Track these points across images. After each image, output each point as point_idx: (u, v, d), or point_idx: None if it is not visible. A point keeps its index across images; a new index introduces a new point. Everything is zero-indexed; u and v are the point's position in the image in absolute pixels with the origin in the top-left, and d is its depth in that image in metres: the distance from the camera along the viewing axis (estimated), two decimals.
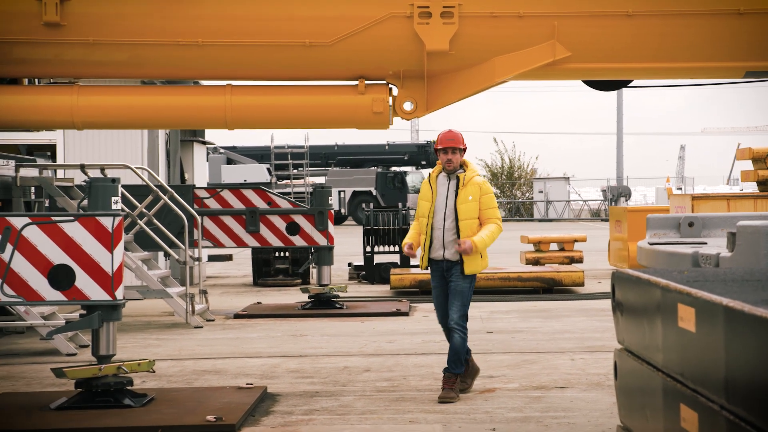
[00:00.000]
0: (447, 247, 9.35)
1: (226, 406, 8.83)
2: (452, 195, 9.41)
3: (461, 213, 9.30)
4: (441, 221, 9.38)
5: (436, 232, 9.39)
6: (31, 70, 13.47)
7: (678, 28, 12.79)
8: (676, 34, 12.80)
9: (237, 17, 12.77)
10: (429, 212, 9.43)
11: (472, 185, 9.41)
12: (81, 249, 8.85)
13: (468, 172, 9.50)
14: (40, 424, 8.40)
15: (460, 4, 12.71)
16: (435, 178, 9.61)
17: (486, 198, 9.42)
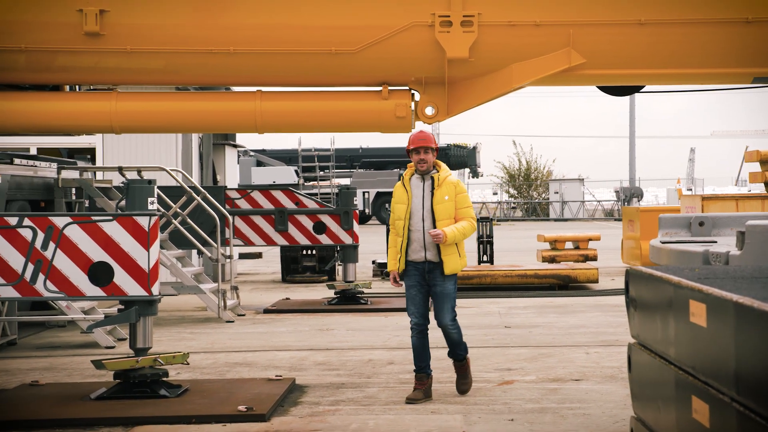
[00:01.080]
0: (428, 248, 8.97)
1: (257, 397, 8.85)
2: (428, 196, 9.05)
3: (438, 213, 8.95)
4: (419, 223, 9.00)
5: (415, 234, 9.00)
6: (72, 78, 13.53)
7: (689, 35, 12.75)
8: (687, 41, 12.76)
9: (266, 27, 12.79)
10: (405, 215, 9.05)
11: (447, 185, 9.08)
12: (119, 247, 8.88)
13: (442, 172, 9.18)
14: (81, 413, 8.43)
15: (479, 13, 12.71)
16: (408, 180, 9.22)
17: (461, 197, 9.09)
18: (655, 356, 4.46)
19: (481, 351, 11.64)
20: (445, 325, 9.11)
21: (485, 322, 14.25)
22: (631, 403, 5.35)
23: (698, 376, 3.90)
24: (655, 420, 4.47)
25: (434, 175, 9.09)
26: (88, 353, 11.67)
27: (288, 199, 17.94)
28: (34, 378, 10.23)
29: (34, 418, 8.31)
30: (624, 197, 62.43)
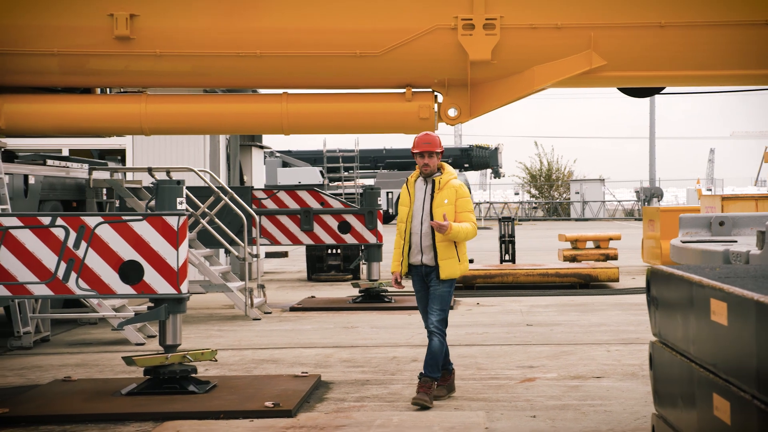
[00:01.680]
0: (425, 252, 8.76)
1: (283, 393, 8.86)
2: (428, 199, 8.82)
3: (437, 217, 8.70)
4: (418, 226, 8.80)
5: (414, 237, 8.82)
6: (103, 81, 13.59)
7: (708, 38, 12.70)
8: (707, 43, 12.71)
9: (293, 30, 12.81)
10: (408, 217, 8.87)
11: (449, 188, 8.82)
12: (149, 246, 8.91)
13: (444, 176, 8.91)
14: (112, 408, 8.46)
15: (501, 16, 12.69)
16: (413, 182, 9.00)
17: (462, 201, 8.80)
18: (677, 354, 4.44)
19: (504, 348, 11.63)
20: (431, 324, 8.75)
21: (507, 320, 14.22)
22: (652, 401, 5.33)
23: (719, 374, 3.88)
24: (677, 417, 4.46)
25: (436, 178, 8.87)
26: (119, 350, 11.71)
27: (313, 199, 17.95)
28: (66, 374, 10.28)
29: (67, 413, 8.35)
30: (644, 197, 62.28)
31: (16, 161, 13.17)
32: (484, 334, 12.86)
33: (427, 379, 8.58)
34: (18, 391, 9.52)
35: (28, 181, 12.95)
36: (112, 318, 12.47)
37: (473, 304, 16.34)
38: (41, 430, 7.94)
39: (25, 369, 10.85)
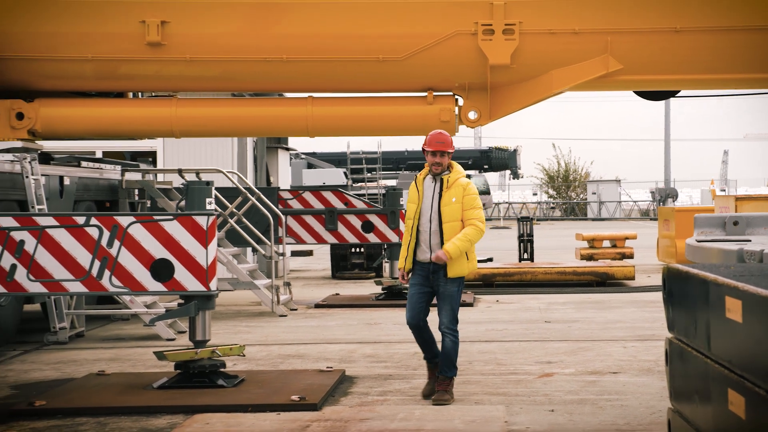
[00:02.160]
0: (433, 249, 8.50)
1: (309, 387, 8.87)
2: (437, 197, 8.57)
3: (444, 215, 8.49)
4: (427, 224, 8.55)
5: (423, 235, 8.55)
6: (135, 85, 13.65)
7: (723, 42, 12.65)
8: (722, 48, 12.66)
9: (317, 36, 12.83)
10: (415, 215, 8.62)
11: (457, 187, 8.57)
12: (179, 245, 8.94)
13: (453, 174, 8.65)
14: (145, 401, 8.50)
15: (520, 21, 12.68)
16: (422, 180, 8.73)
17: (468, 198, 8.53)
18: (692, 350, 4.43)
19: (522, 345, 11.61)
20: (442, 325, 8.55)
21: (526, 317, 14.21)
22: (667, 395, 5.32)
23: (734, 370, 3.87)
24: (692, 412, 4.44)
25: (444, 177, 8.62)
26: (151, 345, 11.75)
27: (337, 199, 17.98)
28: (100, 368, 10.32)
29: (101, 405, 8.40)
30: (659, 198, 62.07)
31: (52, 163, 13.24)
32: (503, 331, 12.85)
33: (444, 377, 8.52)
34: (54, 384, 9.59)
35: (64, 182, 13.02)
36: (144, 314, 12.52)
37: (493, 301, 16.32)
38: (77, 421, 7.99)
39: (61, 363, 10.91)
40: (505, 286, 18.56)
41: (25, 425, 7.91)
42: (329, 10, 12.82)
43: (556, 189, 69.49)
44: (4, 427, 7.87)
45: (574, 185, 68.88)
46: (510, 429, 7.48)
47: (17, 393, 9.28)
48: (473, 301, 16.06)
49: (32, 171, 11.80)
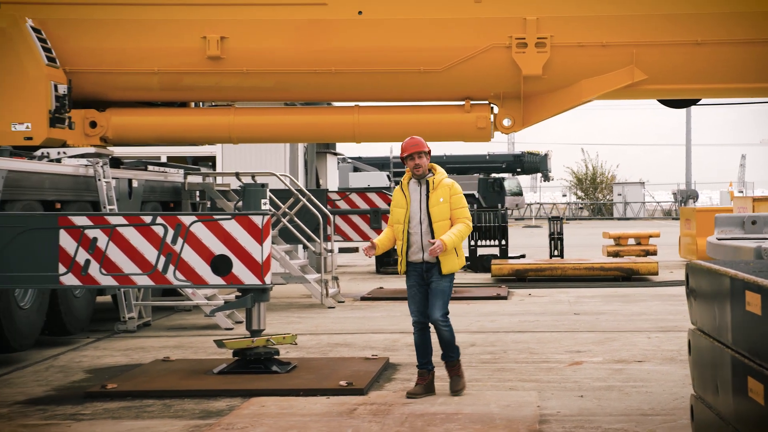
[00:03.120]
0: (426, 249, 8.08)
1: (356, 374, 8.88)
2: (424, 199, 8.14)
3: (434, 216, 8.09)
4: (417, 226, 8.12)
5: (414, 237, 8.13)
6: (197, 96, 13.76)
7: (742, 54, 12.55)
8: (741, 59, 12.57)
9: (363, 50, 12.87)
10: (404, 218, 8.17)
11: (442, 187, 8.18)
12: (237, 242, 8.96)
13: (437, 176, 8.24)
14: (206, 385, 8.54)
15: (551, 35, 12.65)
16: (407, 185, 8.27)
17: (455, 198, 8.19)
18: (714, 341, 4.40)
19: (553, 335, 11.56)
20: (435, 320, 8.19)
21: (556, 310, 14.14)
22: (689, 383, 5.28)
23: (754, 359, 3.83)
24: (714, 398, 4.41)
25: (429, 179, 8.20)
26: (211, 334, 11.80)
27: (381, 200, 17.99)
28: (165, 354, 10.39)
29: (166, 388, 8.44)
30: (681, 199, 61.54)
31: (121, 167, 13.34)
32: (535, 322, 12.80)
33: (450, 363, 8.24)
34: (124, 369, 9.67)
35: (132, 184, 13.11)
36: (205, 305, 12.58)
37: (525, 294, 16.26)
38: (144, 403, 8.04)
39: (130, 350, 10.99)
40: (536, 280, 18.48)
41: (99, 406, 7.99)
42: (373, 26, 12.85)
43: (584, 191, 69.13)
44: (79, 407, 7.95)
45: (601, 187, 68.52)
46: (542, 413, 7.45)
47: (91, 377, 9.37)
48: (507, 294, 16.00)
49: (104, 174, 11.90)
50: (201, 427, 7.19)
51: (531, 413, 7.44)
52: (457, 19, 12.82)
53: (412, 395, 8.09)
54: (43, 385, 9.00)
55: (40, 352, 10.79)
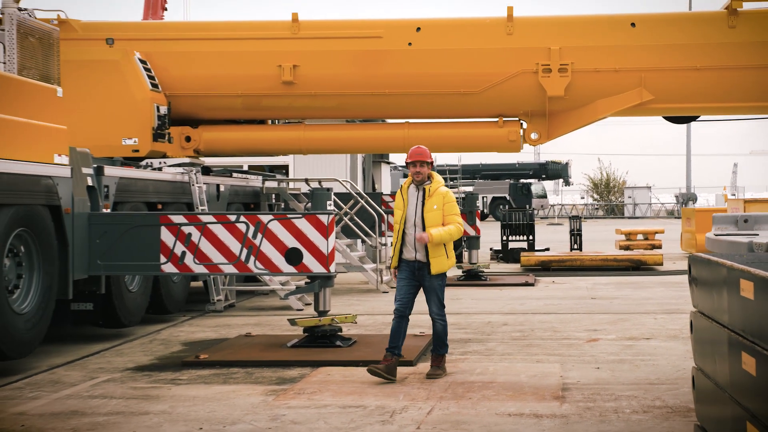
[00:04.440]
0: (418, 249, 7.70)
1: (406, 348, 8.82)
2: (420, 204, 7.70)
3: (427, 220, 7.65)
4: (412, 228, 7.70)
5: (408, 237, 7.71)
6: (273, 114, 13.88)
7: (735, 78, 12.46)
8: (734, 82, 12.47)
9: (412, 75, 12.90)
10: (401, 219, 7.77)
11: (437, 195, 7.72)
12: (307, 237, 8.99)
13: (433, 184, 7.78)
14: (281, 356, 8.59)
15: (572, 62, 12.60)
16: (406, 189, 7.85)
17: (448, 206, 7.73)
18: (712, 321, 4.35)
19: (573, 316, 11.48)
20: (432, 315, 7.87)
21: (576, 294, 14.05)
22: (691, 357, 5.22)
23: (747, 337, 3.79)
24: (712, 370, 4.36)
25: (426, 186, 7.75)
26: (285, 314, 11.87)
27: None
28: (247, 331, 10.46)
29: (248, 359, 8.50)
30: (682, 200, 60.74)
31: (211, 174, 13.48)
32: (558, 305, 12.72)
33: (436, 355, 7.84)
34: (213, 342, 9.76)
35: (220, 188, 13.24)
36: (280, 290, 12.65)
37: (550, 282, 16.17)
38: (230, 371, 8.11)
39: (218, 326, 11.08)
40: (559, 270, 18.37)
41: (193, 372, 8.07)
42: (421, 56, 12.88)
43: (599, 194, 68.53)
44: (178, 374, 8.04)
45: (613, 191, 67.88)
46: (564, 382, 7.41)
47: (187, 348, 9.47)
48: (534, 281, 15.92)
49: (197, 180, 12.02)
50: (277, 391, 7.24)
51: (555, 382, 7.41)
52: (492, 49, 12.80)
53: (373, 371, 7.55)
54: (148, 354, 9.13)
55: (145, 327, 10.93)
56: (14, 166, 8.05)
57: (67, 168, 8.98)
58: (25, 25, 9.24)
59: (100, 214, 9.47)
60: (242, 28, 13.24)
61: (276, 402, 6.84)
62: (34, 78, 9.17)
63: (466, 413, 6.39)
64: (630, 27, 12.76)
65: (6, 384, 7.71)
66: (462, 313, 11.95)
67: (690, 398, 6.08)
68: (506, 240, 21.34)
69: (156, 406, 6.78)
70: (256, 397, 7.00)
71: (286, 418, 6.34)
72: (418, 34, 12.87)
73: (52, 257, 8.72)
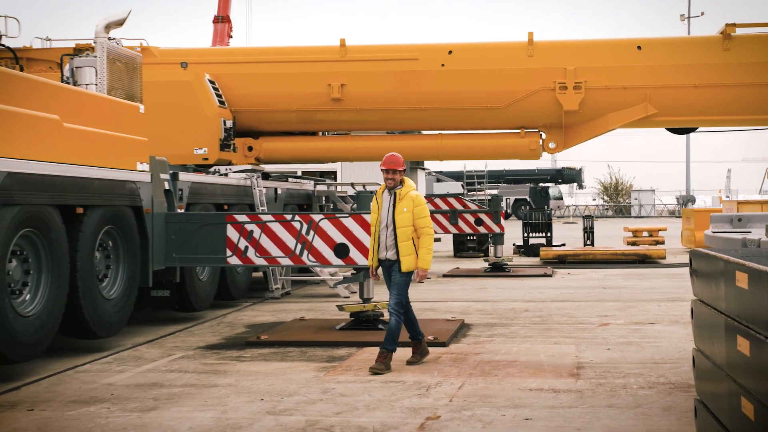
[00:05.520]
0: (389, 249, 7.27)
1: (440, 331, 8.88)
2: (391, 207, 7.28)
3: (398, 222, 7.21)
4: (385, 229, 7.30)
5: (381, 237, 7.34)
6: (323, 127, 13.94)
7: (729, 94, 12.34)
8: (728, 98, 12.36)
9: (444, 92, 12.89)
10: (376, 222, 7.40)
11: (407, 199, 7.26)
12: (353, 234, 9.03)
13: (404, 188, 7.35)
14: (331, 337, 8.61)
15: (585, 81, 12.52)
16: (381, 194, 7.43)
17: (418, 209, 7.24)
18: (711, 308, 4.30)
19: (587, 303, 11.40)
20: (389, 307, 7.32)
21: (589, 284, 13.93)
22: (691, 339, 5.17)
23: (741, 322, 3.75)
24: (711, 351, 4.31)
25: (397, 191, 7.33)
26: (333, 301, 11.92)
27: (458, 203, 17.93)
28: (301, 315, 10.52)
29: (303, 339, 8.54)
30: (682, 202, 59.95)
31: (270, 179, 13.58)
32: (573, 293, 12.64)
33: (384, 350, 7.15)
34: (272, 325, 9.82)
35: (277, 191, 13.32)
36: (329, 280, 12.70)
37: (565, 273, 16.06)
38: (287, 350, 8.15)
39: (276, 311, 11.15)
40: (574, 263, 18.23)
41: (255, 351, 8.14)
42: (453, 75, 12.86)
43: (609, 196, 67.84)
44: (242, 352, 8.10)
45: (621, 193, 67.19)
46: (579, 361, 7.37)
47: (249, 330, 9.54)
48: (552, 273, 15.82)
49: (257, 184, 12.11)
50: (328, 368, 7.27)
51: (570, 361, 7.37)
52: (515, 69, 12.75)
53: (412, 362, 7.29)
54: (216, 335, 9.21)
55: (214, 312, 11.03)
56: (104, 172, 8.19)
57: (148, 174, 9.10)
58: (113, 52, 9.39)
59: (176, 214, 9.58)
60: (296, 52, 13.32)
61: (326, 377, 6.88)
62: (120, 97, 9.30)
63: (493, 388, 6.38)
64: (636, 50, 12.65)
65: (97, 359, 7.84)
66: (489, 301, 11.93)
67: (690, 376, 6.02)
68: (527, 236, 21.23)
69: (223, 379, 6.85)
70: (309, 373, 7.04)
71: (335, 391, 6.38)
72: (450, 56, 12.86)
73: (135, 251, 8.84)
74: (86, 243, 7.93)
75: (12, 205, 6.83)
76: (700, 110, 12.59)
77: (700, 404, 4.51)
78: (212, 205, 11.00)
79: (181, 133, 12.34)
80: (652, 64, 12.55)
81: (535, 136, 13.19)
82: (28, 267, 7.22)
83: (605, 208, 66.74)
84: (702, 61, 12.43)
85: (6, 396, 6.40)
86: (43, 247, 7.30)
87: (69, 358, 7.84)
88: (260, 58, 13.23)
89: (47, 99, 7.43)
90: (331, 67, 12.98)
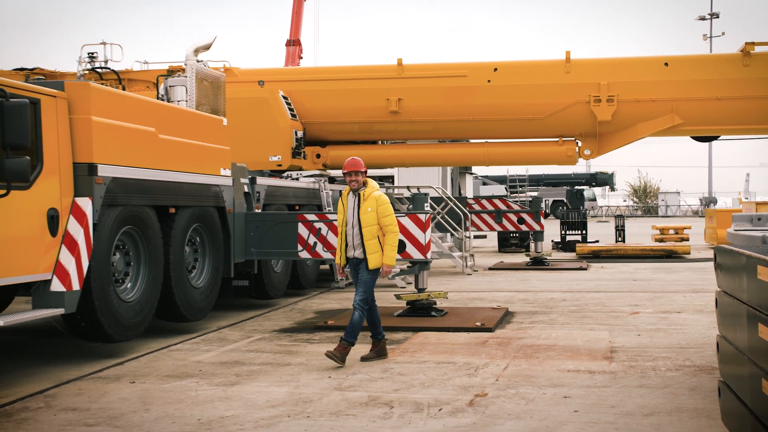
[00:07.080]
0: (356, 248, 6.82)
1: (486, 318, 8.84)
2: (356, 208, 6.83)
3: (363, 222, 6.77)
4: (351, 229, 6.84)
5: (348, 237, 6.87)
6: (382, 137, 13.96)
7: (748, 106, 12.05)
8: (747, 109, 12.05)
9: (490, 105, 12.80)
10: (342, 223, 6.95)
11: (371, 199, 6.81)
12: (409, 231, 9.03)
13: (367, 189, 6.88)
14: (389, 323, 8.59)
15: (618, 94, 12.32)
16: (346, 196, 6.98)
17: (382, 208, 6.78)
18: (734, 299, 4.19)
19: (619, 294, 11.21)
20: (354, 303, 6.81)
21: (620, 277, 13.70)
22: (714, 327, 5.05)
23: (763, 312, 3.65)
24: (734, 337, 4.21)
25: (360, 192, 6.87)
26: (391, 290, 11.95)
27: (502, 204, 17.80)
28: None
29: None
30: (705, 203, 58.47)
31: (335, 183, 13.66)
32: (606, 284, 12.44)
33: (345, 342, 6.65)
34: (338, 311, 9.89)
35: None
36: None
37: (599, 267, 15.82)
38: None
39: (341, 299, 11.22)
40: (607, 258, 17.94)
41: (323, 335, 8.21)
42: (498, 90, 12.77)
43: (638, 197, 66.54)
44: (311, 335, 8.18)
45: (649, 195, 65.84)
46: (612, 346, 7.26)
47: (317, 316, 9.62)
48: (587, 267, 15.60)
49: (324, 188, 12.21)
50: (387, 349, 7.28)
51: (604, 346, 7.27)
52: (554, 84, 12.60)
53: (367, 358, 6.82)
54: (289, 320, 9.30)
55: (286, 299, 11.16)
56: (193, 177, 8.35)
57: (230, 178, 9.26)
58: (200, 72, 9.57)
59: (254, 213, 9.71)
60: (359, 71, 13.37)
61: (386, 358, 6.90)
62: (207, 112, 9.48)
63: (534, 369, 6.33)
64: (664, 66, 12.39)
65: (187, 339, 8.01)
66: (530, 291, 11.83)
67: (713, 360, 5.89)
68: (564, 234, 20.98)
69: (296, 359, 6.92)
70: None
71: (393, 370, 6.40)
72: (496, 73, 12.77)
73: (218, 246, 9.00)
74: (178, 238, 8.11)
75: (116, 206, 7.03)
76: (722, 120, 12.29)
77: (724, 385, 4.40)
78: (285, 205, 11.09)
79: (259, 142, 12.51)
80: (678, 79, 12.27)
81: (571, 144, 13.01)
82: (129, 259, 7.41)
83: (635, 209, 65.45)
84: (724, 76, 12.12)
85: (112, 369, 6.58)
86: (142, 242, 7.49)
87: (163, 338, 8.03)
88: (327, 76, 13.32)
89: (145, 114, 7.62)
90: (389, 83, 13.01)
